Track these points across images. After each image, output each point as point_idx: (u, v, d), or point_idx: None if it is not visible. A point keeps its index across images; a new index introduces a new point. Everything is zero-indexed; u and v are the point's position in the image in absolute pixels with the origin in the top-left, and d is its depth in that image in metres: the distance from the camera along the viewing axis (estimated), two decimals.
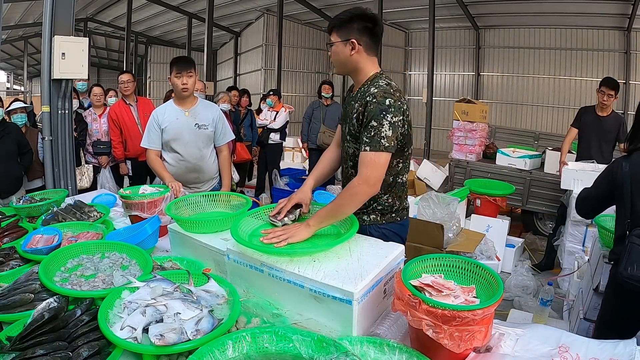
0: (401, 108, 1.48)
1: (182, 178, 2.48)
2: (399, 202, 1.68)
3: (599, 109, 3.72)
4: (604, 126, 3.70)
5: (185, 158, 2.50)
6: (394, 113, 1.44)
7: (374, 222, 1.67)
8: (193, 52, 13.67)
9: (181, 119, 2.47)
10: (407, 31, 13.16)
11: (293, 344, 0.96)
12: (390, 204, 1.66)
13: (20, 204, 2.05)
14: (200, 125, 2.50)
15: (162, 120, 2.47)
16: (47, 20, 3.22)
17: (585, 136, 3.80)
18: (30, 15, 12.59)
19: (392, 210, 1.67)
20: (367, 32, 1.53)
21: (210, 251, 1.48)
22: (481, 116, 5.20)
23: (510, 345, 1.09)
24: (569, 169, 3.55)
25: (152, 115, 2.53)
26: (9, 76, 22.70)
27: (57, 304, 1.09)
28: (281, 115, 5.59)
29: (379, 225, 1.67)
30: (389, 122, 1.43)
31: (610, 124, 3.69)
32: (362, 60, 1.56)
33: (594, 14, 9.13)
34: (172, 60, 2.54)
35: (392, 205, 1.66)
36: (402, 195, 1.69)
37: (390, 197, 1.65)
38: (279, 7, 10.28)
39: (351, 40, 1.52)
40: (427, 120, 8.97)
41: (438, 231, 2.55)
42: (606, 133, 3.71)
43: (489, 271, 1.10)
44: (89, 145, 4.15)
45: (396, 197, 1.66)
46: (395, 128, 1.45)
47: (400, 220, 1.70)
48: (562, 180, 3.61)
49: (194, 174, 2.56)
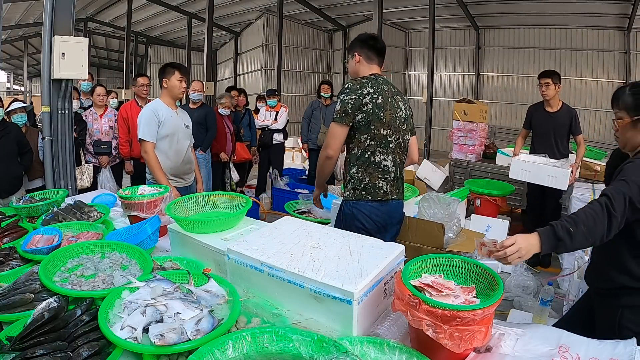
0: (357, 90, 1.84)
1: (180, 169, 2.77)
2: (369, 178, 1.89)
3: (547, 104, 3.65)
4: (556, 121, 3.62)
5: (181, 151, 2.75)
6: (347, 93, 1.85)
7: (348, 198, 1.94)
8: (193, 52, 13.68)
9: (173, 117, 2.71)
10: (407, 31, 13.16)
11: (293, 344, 0.96)
12: (359, 179, 1.90)
13: (20, 204, 2.05)
14: (187, 125, 2.82)
15: (160, 115, 2.64)
16: (47, 20, 3.22)
17: (538, 134, 3.75)
18: (30, 15, 12.58)
19: (361, 185, 1.89)
20: (367, 47, 1.99)
21: (210, 251, 1.48)
22: (481, 116, 5.20)
23: (510, 345, 1.09)
24: (519, 159, 3.62)
25: (148, 109, 2.65)
26: (9, 76, 22.67)
27: (57, 304, 1.09)
28: (282, 115, 5.60)
29: (350, 201, 1.92)
30: (341, 100, 1.85)
31: (562, 119, 3.61)
32: (362, 67, 2.00)
33: (594, 14, 9.12)
34: (173, 64, 2.76)
35: (360, 180, 1.90)
36: (375, 174, 1.89)
37: (358, 172, 1.90)
38: (279, 7, 10.27)
39: (354, 53, 2.02)
40: (427, 120, 8.95)
41: (439, 231, 2.54)
42: (559, 128, 3.63)
43: (489, 271, 1.10)
44: (89, 145, 4.17)
45: (366, 173, 1.89)
46: (344, 103, 1.83)
47: (371, 200, 1.88)
48: (510, 170, 3.68)
49: (188, 165, 2.84)
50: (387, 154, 1.90)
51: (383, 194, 1.89)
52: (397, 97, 1.97)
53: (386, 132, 1.88)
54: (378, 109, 1.85)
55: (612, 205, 1.24)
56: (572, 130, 3.61)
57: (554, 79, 3.52)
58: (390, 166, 1.91)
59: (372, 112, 1.84)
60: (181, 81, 2.67)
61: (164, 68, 2.72)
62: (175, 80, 2.66)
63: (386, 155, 1.90)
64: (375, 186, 1.88)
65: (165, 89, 2.71)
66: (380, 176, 1.89)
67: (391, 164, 1.92)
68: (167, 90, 2.70)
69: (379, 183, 1.89)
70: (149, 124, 2.59)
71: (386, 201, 1.92)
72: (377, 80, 1.91)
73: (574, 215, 1.26)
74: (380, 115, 1.85)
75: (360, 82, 1.87)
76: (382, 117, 1.86)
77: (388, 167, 1.90)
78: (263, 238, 1.36)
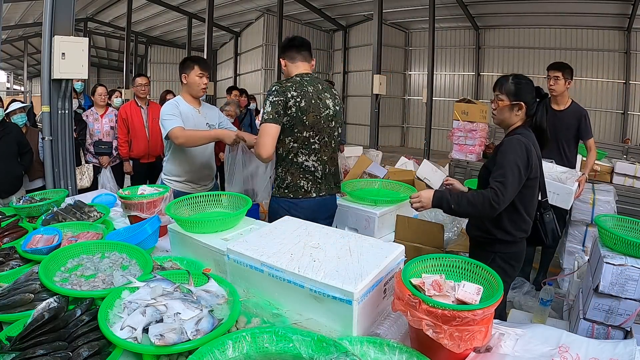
0: (285, 92, 1.91)
1: (197, 175, 2.52)
2: (291, 178, 2.01)
3: (553, 100, 3.17)
4: (562, 121, 3.15)
5: (200, 154, 2.49)
6: (275, 95, 1.92)
7: (273, 194, 2.07)
8: (193, 52, 13.68)
9: (195, 115, 2.47)
10: (407, 31, 13.17)
11: (293, 344, 0.96)
12: (282, 178, 2.03)
13: (20, 204, 2.05)
14: (210, 124, 2.51)
15: (181, 112, 2.40)
16: (47, 20, 3.22)
17: None
18: (30, 15, 12.59)
19: (284, 184, 2.02)
20: (287, 49, 2.07)
21: (210, 251, 1.48)
22: (481, 116, 5.20)
23: (510, 345, 1.09)
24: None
25: (169, 105, 2.40)
26: (9, 76, 22.68)
27: (57, 304, 1.09)
28: None
29: (274, 197, 2.06)
30: (270, 101, 1.92)
31: (569, 118, 3.13)
32: (290, 68, 2.07)
33: (594, 14, 9.13)
34: (192, 57, 2.52)
35: (283, 180, 2.02)
36: (297, 174, 2.01)
37: (282, 172, 2.03)
38: (279, 7, 10.28)
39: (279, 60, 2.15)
40: (427, 120, 8.96)
41: (438, 231, 2.55)
42: (564, 129, 3.14)
43: (489, 271, 1.10)
44: (89, 145, 4.17)
45: (288, 173, 2.01)
46: (275, 104, 1.90)
47: (292, 198, 2.02)
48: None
49: (207, 170, 2.59)
50: (309, 155, 2.01)
51: (304, 192, 2.02)
52: (324, 94, 2.03)
53: (309, 134, 1.98)
54: (301, 113, 1.94)
55: (497, 201, 1.62)
56: (580, 133, 3.13)
57: (565, 73, 3.10)
58: (312, 166, 2.01)
59: (295, 116, 1.93)
60: (201, 77, 2.42)
61: (183, 62, 2.49)
62: (195, 76, 2.42)
63: (308, 156, 2.01)
64: (296, 185, 2.01)
65: (185, 85, 2.47)
66: (302, 176, 2.01)
67: (316, 163, 2.02)
68: (187, 86, 2.46)
69: (300, 182, 2.01)
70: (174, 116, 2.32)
71: (307, 199, 2.03)
72: (302, 81, 1.98)
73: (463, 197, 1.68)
74: (302, 118, 1.94)
75: (285, 85, 1.94)
76: (304, 120, 1.95)
77: (310, 167, 2.01)
78: (263, 238, 1.36)
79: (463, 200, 1.67)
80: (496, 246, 1.81)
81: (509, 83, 1.81)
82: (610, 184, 3.93)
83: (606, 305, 1.81)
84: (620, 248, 1.77)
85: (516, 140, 1.72)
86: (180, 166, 2.49)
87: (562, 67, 3.12)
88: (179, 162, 2.48)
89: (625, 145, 6.05)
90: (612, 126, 10.12)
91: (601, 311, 1.83)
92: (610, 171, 4.37)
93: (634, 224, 1.89)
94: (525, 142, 1.71)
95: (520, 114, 1.81)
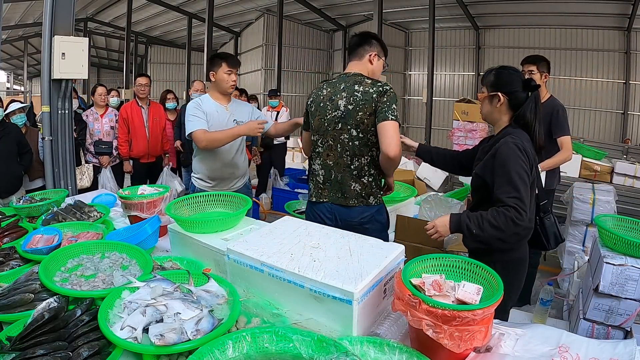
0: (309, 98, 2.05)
1: (217, 174, 2.49)
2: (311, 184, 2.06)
3: None
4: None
5: (223, 152, 2.46)
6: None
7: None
8: (193, 52, 13.68)
9: (221, 113, 2.45)
10: (407, 31, 13.16)
11: (293, 344, 0.96)
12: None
13: (20, 204, 2.05)
14: (238, 121, 2.47)
15: (204, 109, 2.39)
16: (47, 20, 3.22)
17: None
18: (30, 15, 12.59)
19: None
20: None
21: (210, 251, 1.48)
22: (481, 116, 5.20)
23: (510, 345, 1.09)
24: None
25: (192, 105, 2.39)
26: (9, 76, 22.67)
27: (57, 304, 1.09)
28: (283, 115, 5.60)
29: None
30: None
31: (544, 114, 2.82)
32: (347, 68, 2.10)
33: (594, 14, 9.13)
34: (220, 54, 2.49)
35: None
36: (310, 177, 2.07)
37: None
38: (279, 7, 10.27)
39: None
40: (427, 120, 8.96)
41: None
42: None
43: (489, 271, 1.10)
44: (90, 144, 4.17)
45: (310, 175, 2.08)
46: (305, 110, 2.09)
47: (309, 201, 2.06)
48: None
49: (230, 169, 2.53)
50: (315, 158, 2.02)
51: (310, 196, 2.05)
52: (340, 94, 1.89)
53: (315, 138, 2.01)
54: (310, 117, 2.02)
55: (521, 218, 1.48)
56: (551, 128, 2.82)
57: (539, 66, 2.92)
58: (317, 169, 2.01)
59: (306, 121, 2.07)
60: (230, 73, 2.40)
61: (212, 59, 2.46)
62: (223, 73, 2.39)
63: (313, 159, 2.04)
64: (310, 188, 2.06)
65: (213, 83, 2.45)
66: (311, 179, 2.05)
67: (319, 167, 1.99)
68: (215, 84, 2.44)
69: (310, 185, 2.06)
70: (196, 117, 2.32)
71: (310, 202, 2.05)
72: (322, 85, 2.03)
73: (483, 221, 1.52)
74: (310, 122, 2.03)
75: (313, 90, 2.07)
76: (311, 123, 2.01)
77: (314, 171, 2.03)
78: (263, 238, 1.36)
79: (484, 223, 1.52)
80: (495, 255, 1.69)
81: (490, 74, 1.69)
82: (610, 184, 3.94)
83: (606, 305, 1.81)
84: (620, 248, 1.77)
85: (511, 144, 1.58)
86: (203, 164, 2.49)
87: (536, 60, 2.96)
88: (201, 160, 2.48)
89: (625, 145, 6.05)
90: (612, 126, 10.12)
91: (601, 311, 1.83)
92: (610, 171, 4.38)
93: (634, 224, 1.89)
94: (520, 144, 1.58)
95: (500, 107, 1.66)
